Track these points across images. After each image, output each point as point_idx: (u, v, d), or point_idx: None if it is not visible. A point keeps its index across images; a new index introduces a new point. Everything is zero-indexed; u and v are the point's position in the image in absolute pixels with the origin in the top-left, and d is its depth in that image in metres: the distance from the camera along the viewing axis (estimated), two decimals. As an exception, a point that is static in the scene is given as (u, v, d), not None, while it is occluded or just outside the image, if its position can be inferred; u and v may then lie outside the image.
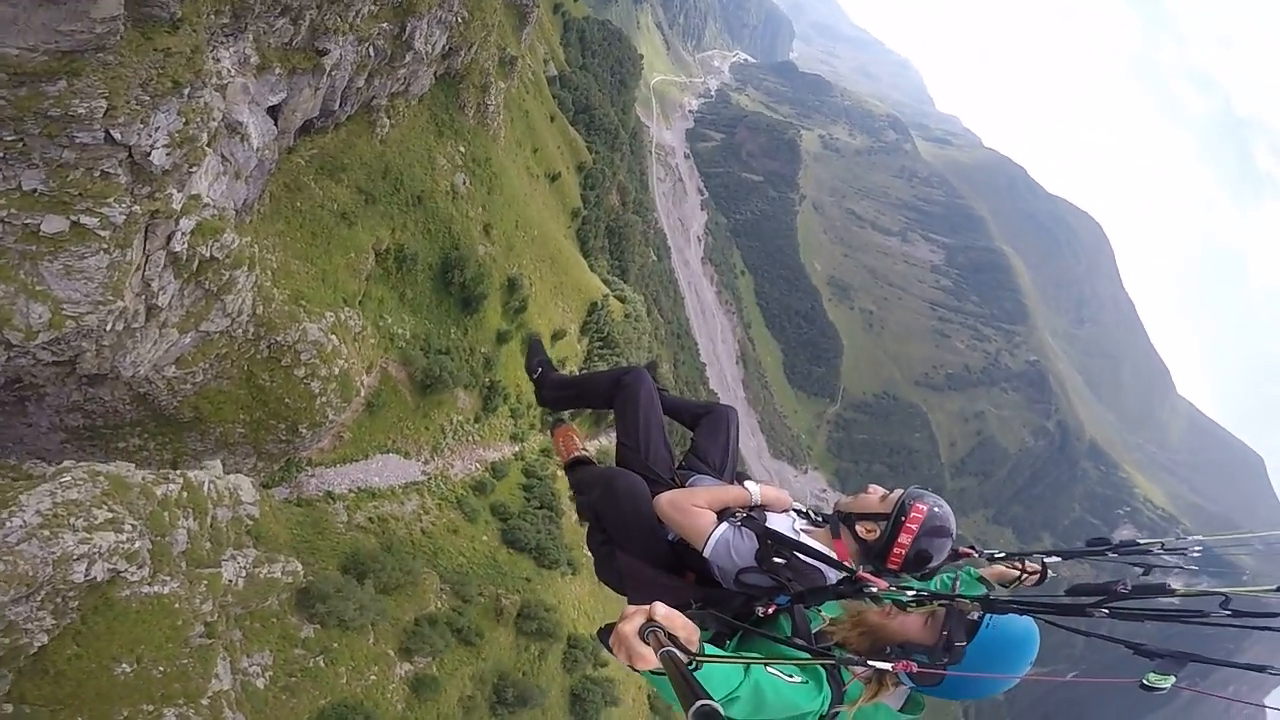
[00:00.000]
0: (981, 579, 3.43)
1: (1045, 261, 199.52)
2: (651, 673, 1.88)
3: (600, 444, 44.22)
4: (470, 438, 38.31)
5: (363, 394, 25.35)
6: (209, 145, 14.34)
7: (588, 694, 32.83)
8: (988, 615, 2.44)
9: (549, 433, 5.02)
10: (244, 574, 14.94)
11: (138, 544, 11.39)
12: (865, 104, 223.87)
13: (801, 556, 3.00)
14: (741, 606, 3.03)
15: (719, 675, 2.13)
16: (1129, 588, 2.35)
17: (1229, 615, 2.17)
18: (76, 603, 10.77)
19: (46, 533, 9.85)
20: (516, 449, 42.70)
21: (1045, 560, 3.13)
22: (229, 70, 15.90)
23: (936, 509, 2.85)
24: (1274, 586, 2.22)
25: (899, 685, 2.63)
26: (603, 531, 3.60)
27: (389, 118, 30.08)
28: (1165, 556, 2.81)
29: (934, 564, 2.87)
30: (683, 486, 3.61)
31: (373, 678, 20.69)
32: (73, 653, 11.34)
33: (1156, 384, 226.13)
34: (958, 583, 3.19)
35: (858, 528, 3.03)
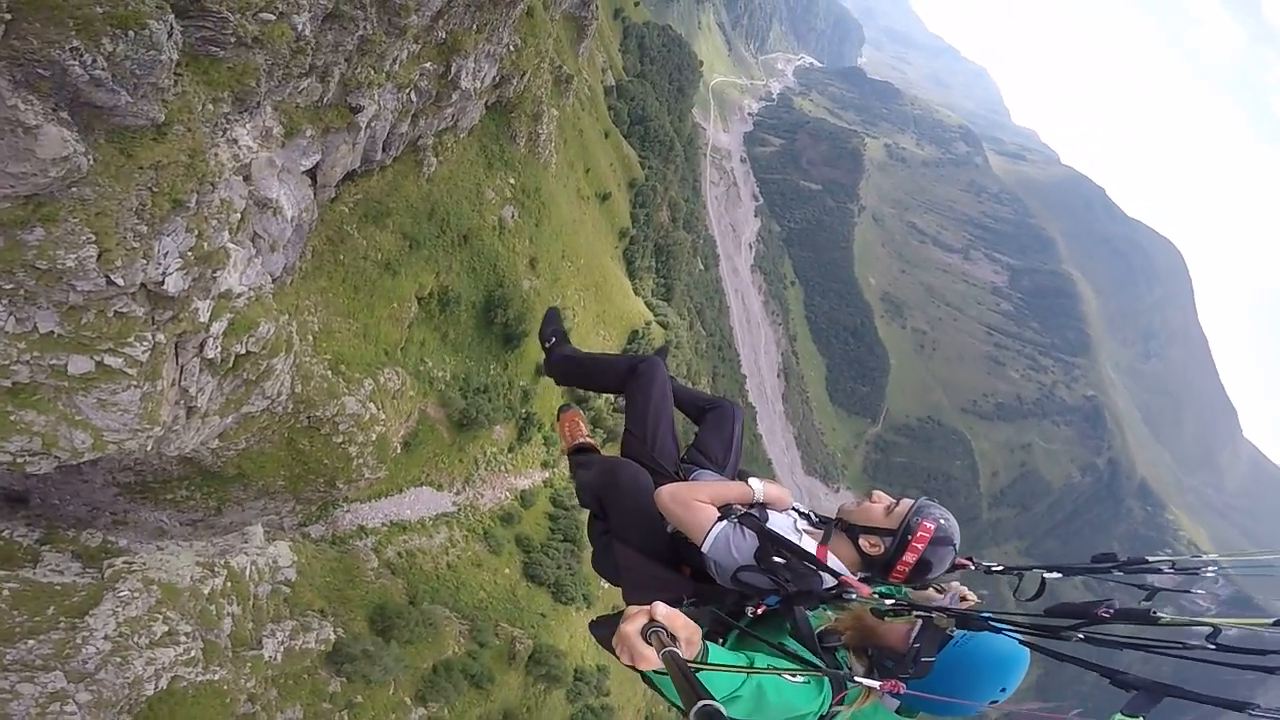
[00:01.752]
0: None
1: (1117, 289, 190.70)
2: (654, 672, 1.90)
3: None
4: (503, 467, 39.08)
5: (398, 450, 26.15)
6: (234, 239, 13.82)
7: (586, 723, 33.64)
8: (959, 632, 2.42)
9: (556, 417, 4.96)
10: (282, 648, 15.86)
11: (194, 651, 12.28)
12: (936, 113, 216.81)
13: (800, 560, 2.99)
14: (734, 604, 3.05)
15: (722, 674, 2.15)
16: (1111, 613, 2.25)
17: (1214, 650, 2.03)
18: (146, 700, 11.76)
19: (118, 658, 10.90)
20: (547, 475, 43.37)
21: (1045, 576, 2.90)
22: (249, 149, 14.88)
23: (943, 521, 2.83)
24: (1271, 620, 2.00)
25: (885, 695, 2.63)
26: (603, 521, 3.60)
27: (436, 156, 29.80)
28: (1174, 577, 2.64)
29: (934, 574, 2.87)
30: (685, 480, 3.58)
31: (388, 725, 21.60)
32: (143, 733, 12.49)
33: (1221, 425, 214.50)
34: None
35: (861, 541, 2.99)
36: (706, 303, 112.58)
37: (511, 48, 32.53)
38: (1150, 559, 2.59)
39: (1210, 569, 2.47)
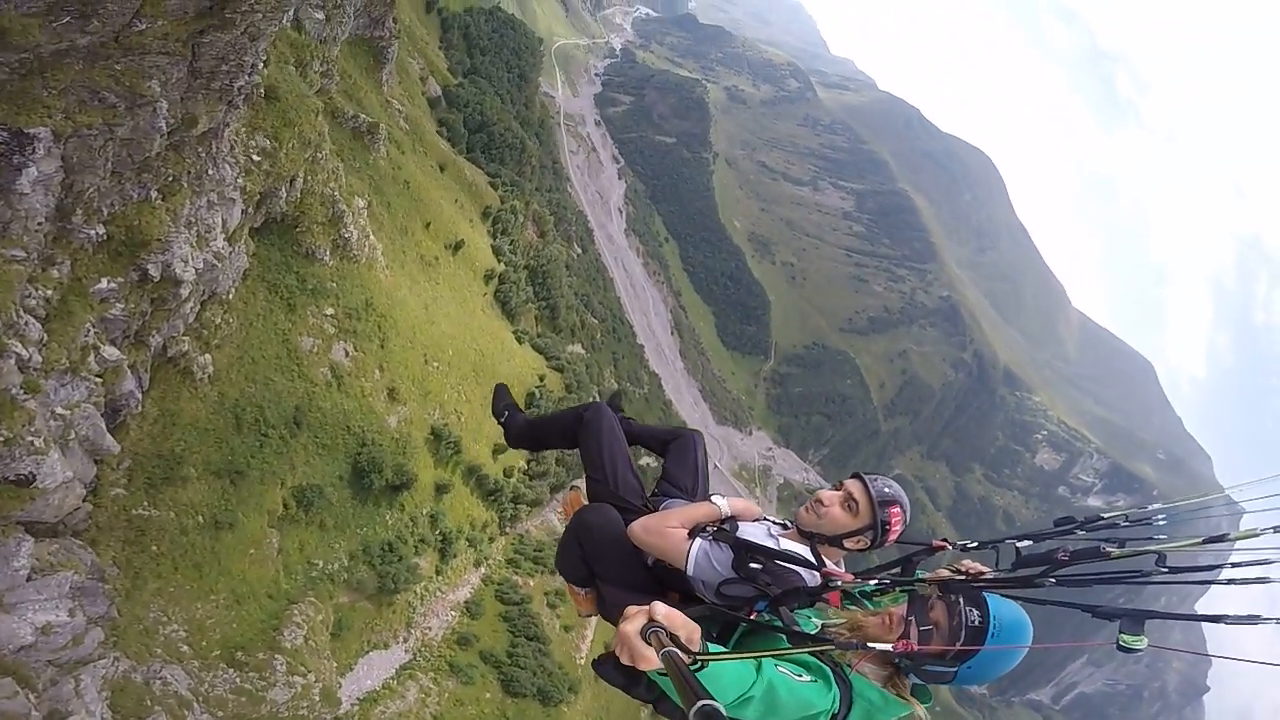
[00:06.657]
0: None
1: (945, 197, 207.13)
2: (656, 673, 1.91)
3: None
4: (438, 591, 38.10)
5: (341, 684, 25.06)
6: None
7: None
8: (992, 618, 2.57)
9: (558, 500, 5.19)
10: None
11: None
12: (765, 53, 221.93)
13: (778, 561, 3.11)
14: (725, 619, 3.08)
15: (732, 676, 2.14)
16: (1068, 554, 2.47)
17: (1167, 572, 2.26)
18: None
19: None
20: (483, 573, 42.68)
21: (1018, 546, 3.07)
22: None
23: (901, 498, 3.18)
24: (1200, 539, 2.22)
25: (909, 680, 2.74)
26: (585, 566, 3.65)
27: (206, 350, 22.15)
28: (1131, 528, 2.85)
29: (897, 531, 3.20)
30: (655, 511, 3.69)
31: None
32: None
33: (1054, 300, 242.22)
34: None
35: (847, 544, 3.22)
36: (590, 286, 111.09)
37: (259, 154, 23.52)
38: (1105, 515, 2.82)
39: (1161, 517, 2.72)
